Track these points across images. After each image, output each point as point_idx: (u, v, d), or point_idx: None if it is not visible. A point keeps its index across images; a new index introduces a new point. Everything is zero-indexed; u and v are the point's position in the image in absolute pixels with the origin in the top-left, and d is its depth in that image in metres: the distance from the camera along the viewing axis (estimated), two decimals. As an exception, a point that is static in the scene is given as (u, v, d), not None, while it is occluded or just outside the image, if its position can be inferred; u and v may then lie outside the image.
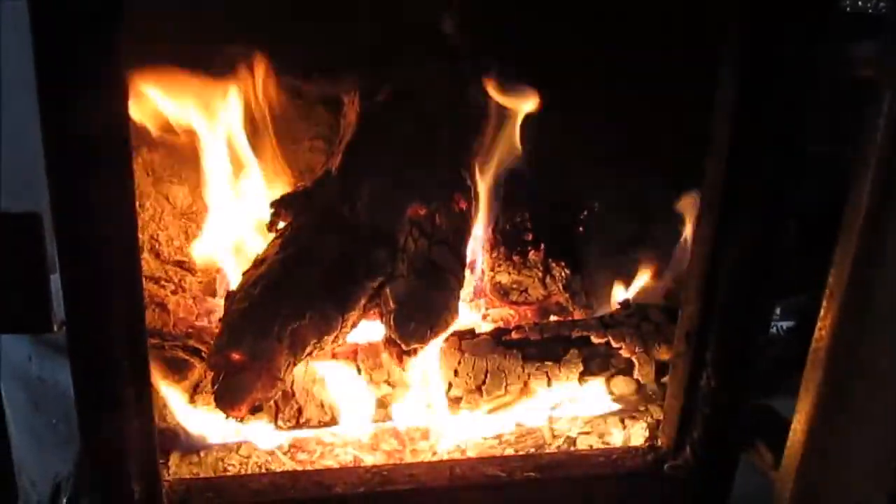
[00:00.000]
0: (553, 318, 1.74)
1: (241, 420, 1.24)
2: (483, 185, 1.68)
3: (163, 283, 1.60)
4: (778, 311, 2.02)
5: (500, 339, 1.52)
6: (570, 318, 1.71)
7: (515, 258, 1.78)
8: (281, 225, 1.52)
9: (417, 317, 1.37)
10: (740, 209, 1.16)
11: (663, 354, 1.51)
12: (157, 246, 1.65)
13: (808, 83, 1.10)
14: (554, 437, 1.52)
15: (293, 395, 1.41)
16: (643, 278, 1.83)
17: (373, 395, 1.46)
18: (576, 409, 1.54)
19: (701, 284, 1.22)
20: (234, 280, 1.42)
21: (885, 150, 0.81)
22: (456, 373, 1.47)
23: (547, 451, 1.47)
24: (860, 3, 1.54)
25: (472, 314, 1.75)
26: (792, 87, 1.10)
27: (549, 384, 1.51)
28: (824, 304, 0.95)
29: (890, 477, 0.91)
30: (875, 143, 0.82)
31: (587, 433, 1.53)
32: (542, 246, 1.83)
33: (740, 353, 1.20)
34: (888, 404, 0.93)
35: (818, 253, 0.99)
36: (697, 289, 1.22)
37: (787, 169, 1.14)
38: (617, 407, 1.55)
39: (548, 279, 1.78)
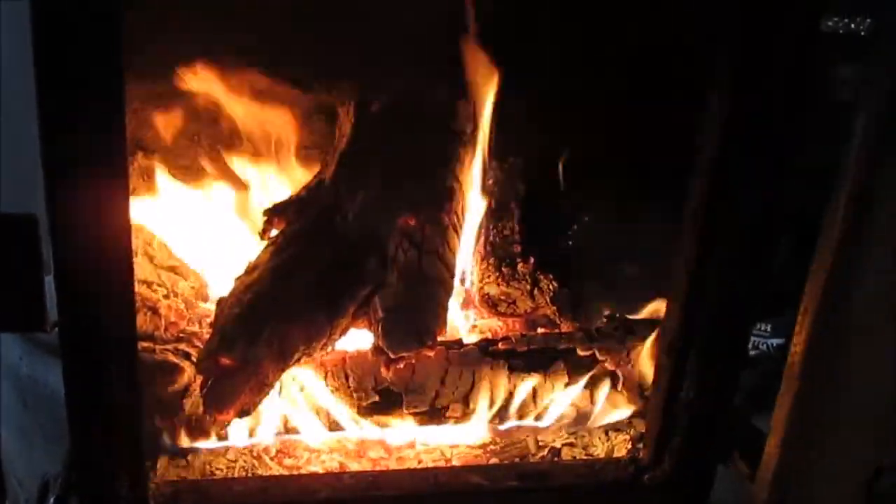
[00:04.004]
0: (540, 330, 1.76)
1: (228, 423, 1.25)
2: (473, 196, 1.71)
3: (155, 287, 1.61)
4: (769, 328, 2.04)
5: (486, 350, 1.53)
6: (557, 331, 1.72)
7: (504, 270, 1.80)
8: (273, 233, 1.54)
9: (405, 326, 1.39)
10: (724, 226, 1.18)
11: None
12: (150, 250, 1.67)
13: (795, 102, 1.12)
14: (538, 447, 1.54)
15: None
16: (630, 292, 1.85)
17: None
18: (560, 421, 1.56)
19: (683, 298, 1.24)
20: (225, 286, 1.43)
21: (858, 170, 0.84)
22: (443, 382, 1.48)
23: (531, 461, 1.49)
24: (830, 24, 1.57)
25: (460, 324, 1.77)
26: (778, 106, 1.12)
27: (534, 396, 1.53)
28: (799, 318, 0.97)
29: (861, 488, 0.93)
30: (849, 163, 0.85)
31: (571, 444, 1.55)
32: (532, 259, 1.85)
33: (720, 366, 1.23)
34: (861, 417, 0.96)
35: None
36: (680, 302, 1.25)
37: (774, 187, 1.16)
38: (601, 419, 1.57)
39: (536, 292, 1.79)
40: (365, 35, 1.63)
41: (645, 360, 1.53)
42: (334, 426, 1.48)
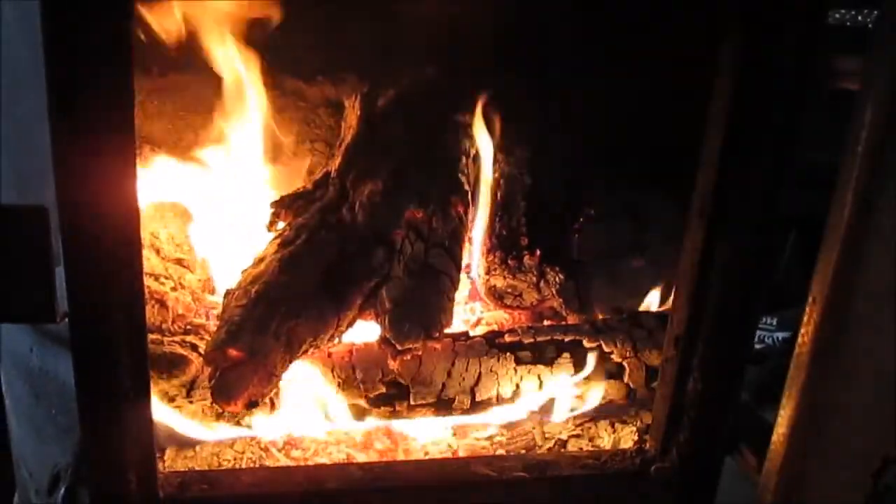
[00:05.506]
0: (546, 322, 1.76)
1: (237, 415, 1.26)
2: (480, 189, 1.71)
3: (162, 279, 1.62)
4: (774, 322, 2.04)
5: (493, 342, 1.54)
6: (563, 323, 1.73)
7: (511, 262, 1.80)
8: (280, 225, 1.55)
9: (412, 318, 1.40)
10: (730, 218, 1.18)
11: (654, 360, 1.53)
12: (157, 243, 1.68)
13: (802, 93, 1.12)
14: (545, 439, 1.54)
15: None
16: (637, 284, 1.85)
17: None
18: (566, 412, 1.56)
19: (690, 291, 1.24)
20: (233, 278, 1.44)
21: (866, 161, 0.84)
22: (449, 374, 1.49)
23: (537, 452, 1.50)
24: (838, 15, 1.57)
25: (466, 316, 1.78)
26: (785, 96, 1.12)
27: (540, 387, 1.53)
28: (807, 309, 0.97)
29: (868, 479, 0.94)
30: (856, 154, 0.85)
31: (577, 436, 1.55)
32: (538, 251, 1.85)
33: (727, 358, 1.22)
34: (868, 409, 0.96)
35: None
36: (687, 295, 1.25)
37: (779, 179, 1.15)
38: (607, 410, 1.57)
39: (542, 284, 1.79)
40: (372, 29, 1.64)
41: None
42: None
